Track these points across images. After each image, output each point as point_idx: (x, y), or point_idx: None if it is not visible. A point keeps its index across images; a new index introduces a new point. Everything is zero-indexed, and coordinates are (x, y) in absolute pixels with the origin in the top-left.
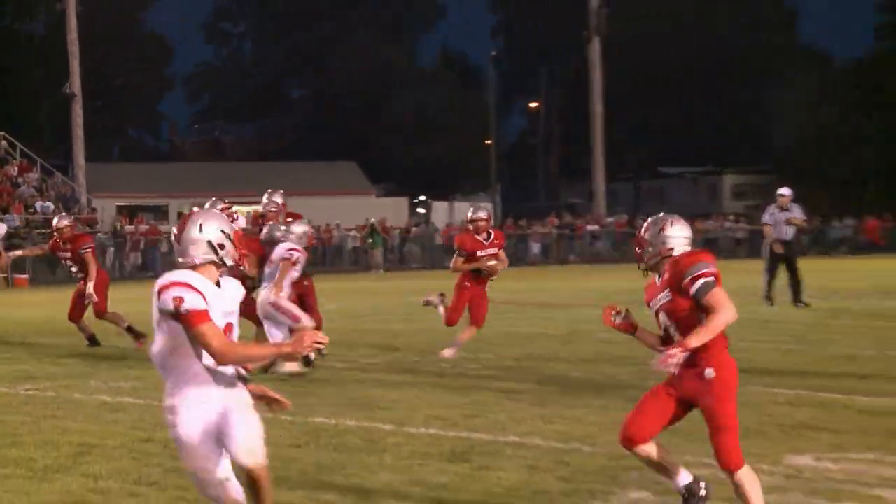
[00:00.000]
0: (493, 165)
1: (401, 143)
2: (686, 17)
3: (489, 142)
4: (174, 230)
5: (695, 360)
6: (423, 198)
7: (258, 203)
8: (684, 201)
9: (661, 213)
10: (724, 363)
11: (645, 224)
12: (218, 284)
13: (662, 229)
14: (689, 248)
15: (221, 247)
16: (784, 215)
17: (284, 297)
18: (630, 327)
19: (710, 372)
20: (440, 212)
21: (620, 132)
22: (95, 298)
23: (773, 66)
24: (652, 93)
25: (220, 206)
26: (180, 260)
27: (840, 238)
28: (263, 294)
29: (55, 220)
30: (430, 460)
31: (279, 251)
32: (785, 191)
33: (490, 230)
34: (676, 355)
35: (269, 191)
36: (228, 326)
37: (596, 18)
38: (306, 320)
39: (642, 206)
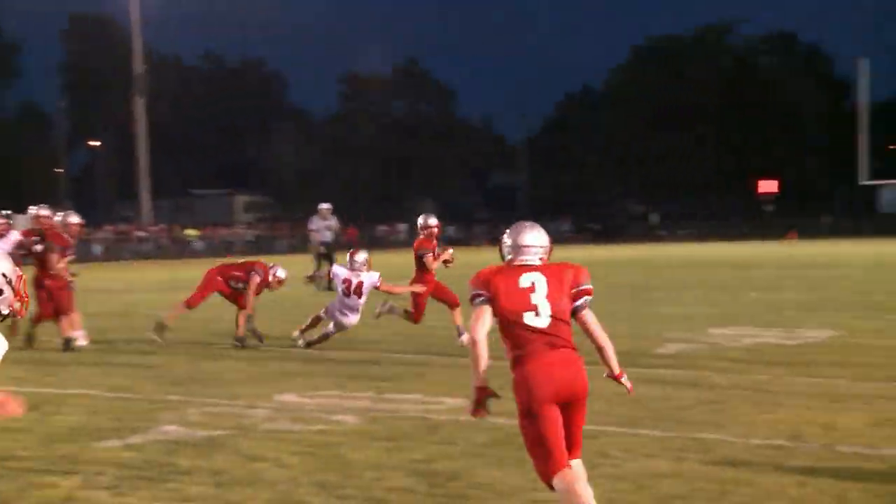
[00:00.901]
0: (62, 187)
1: None
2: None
3: (60, 170)
4: None
5: None
6: (8, 212)
7: None
8: (210, 215)
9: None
10: (515, 376)
11: None
12: None
13: (503, 237)
14: (509, 258)
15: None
16: (325, 224)
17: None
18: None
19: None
20: (21, 222)
21: (162, 165)
22: None
23: (267, 121)
24: (186, 133)
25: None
26: None
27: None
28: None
29: None
30: None
31: (371, 281)
32: (325, 205)
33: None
34: None
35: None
36: None
37: (140, 82)
38: (419, 288)
39: (178, 218)
